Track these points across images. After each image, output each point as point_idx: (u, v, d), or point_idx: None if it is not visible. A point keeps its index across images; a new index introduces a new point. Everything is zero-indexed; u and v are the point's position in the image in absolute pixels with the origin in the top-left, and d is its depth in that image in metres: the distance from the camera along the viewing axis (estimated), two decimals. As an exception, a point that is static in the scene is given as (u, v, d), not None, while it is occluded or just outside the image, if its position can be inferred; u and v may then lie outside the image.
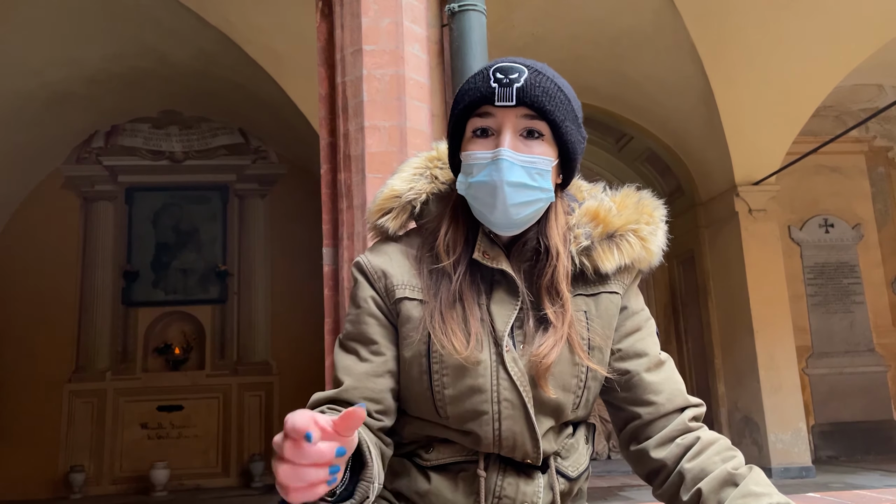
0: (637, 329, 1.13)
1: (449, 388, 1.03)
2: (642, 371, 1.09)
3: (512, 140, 1.01)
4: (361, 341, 1.08)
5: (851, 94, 8.00)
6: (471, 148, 1.04)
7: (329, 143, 2.53)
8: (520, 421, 1.02)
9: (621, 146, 8.62)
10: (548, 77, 1.03)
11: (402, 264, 1.10)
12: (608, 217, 1.09)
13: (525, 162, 1.01)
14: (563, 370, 1.04)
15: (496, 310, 1.05)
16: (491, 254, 1.07)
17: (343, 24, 2.49)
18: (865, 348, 8.45)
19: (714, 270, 7.86)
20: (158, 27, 6.56)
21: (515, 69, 1.02)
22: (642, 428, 1.09)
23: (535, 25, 6.50)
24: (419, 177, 1.17)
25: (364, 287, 1.11)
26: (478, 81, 1.04)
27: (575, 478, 1.10)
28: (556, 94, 1.02)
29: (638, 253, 1.09)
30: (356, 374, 1.05)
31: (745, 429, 7.32)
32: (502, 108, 1.01)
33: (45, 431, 8.24)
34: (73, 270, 8.72)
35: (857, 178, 8.83)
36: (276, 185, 9.23)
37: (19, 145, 7.94)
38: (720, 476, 0.98)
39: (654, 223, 1.11)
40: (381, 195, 1.16)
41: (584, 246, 1.08)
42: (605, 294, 1.10)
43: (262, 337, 8.88)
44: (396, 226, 1.14)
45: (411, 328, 1.06)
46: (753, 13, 6.27)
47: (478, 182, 1.02)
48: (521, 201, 1.02)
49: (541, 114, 1.02)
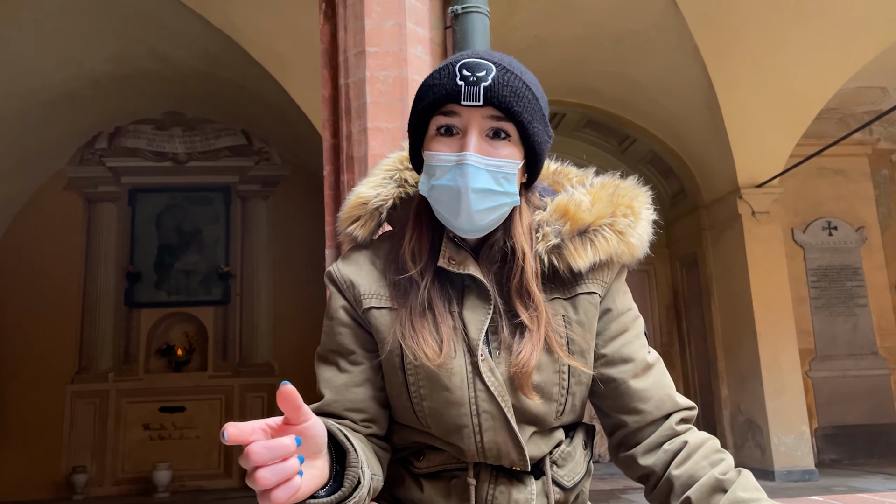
0: (623, 331, 1.07)
1: (427, 400, 1.00)
2: (629, 378, 1.05)
3: (478, 142, 0.97)
4: (338, 352, 1.07)
5: (855, 96, 7.99)
6: (434, 147, 0.99)
7: (332, 144, 2.53)
8: (501, 432, 0.99)
9: (624, 148, 8.62)
10: (516, 75, 0.98)
11: (371, 273, 1.07)
12: (577, 213, 1.03)
13: (491, 166, 0.97)
14: (546, 379, 1.00)
15: (469, 316, 1.01)
16: (457, 259, 1.03)
17: (346, 26, 2.49)
18: (869, 351, 8.43)
19: (717, 273, 7.85)
20: (162, 29, 6.57)
21: (483, 66, 0.97)
22: (630, 435, 1.06)
23: (538, 27, 6.50)
24: (388, 181, 1.13)
25: (336, 297, 1.08)
26: (443, 77, 0.98)
27: (570, 487, 1.06)
28: (524, 94, 0.98)
29: (615, 247, 1.02)
30: (336, 387, 1.04)
31: (748, 432, 7.30)
32: (468, 108, 0.97)
33: (47, 432, 8.25)
34: (76, 271, 8.73)
35: (860, 180, 8.80)
36: (278, 186, 9.24)
37: (23, 146, 7.95)
38: (708, 483, 0.96)
39: (632, 214, 1.05)
40: (348, 203, 1.13)
41: (554, 244, 1.02)
42: (582, 296, 1.04)
43: (264, 338, 8.88)
44: (365, 233, 1.11)
45: (382, 339, 1.03)
46: (757, 16, 6.26)
47: (441, 185, 0.98)
48: (486, 207, 0.98)
49: (508, 115, 0.97)
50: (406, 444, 1.08)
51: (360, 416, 1.03)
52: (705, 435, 1.04)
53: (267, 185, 9.25)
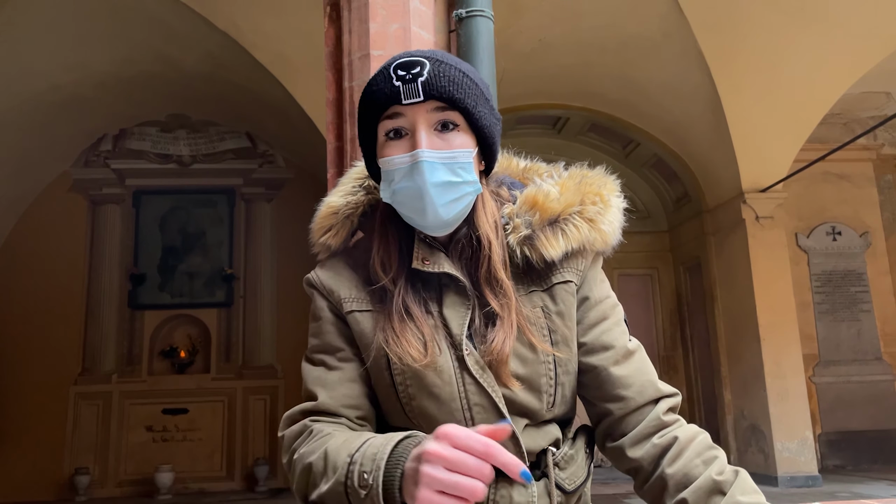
0: (602, 319, 1.07)
1: (416, 399, 1.00)
2: (609, 365, 1.05)
3: (428, 137, 0.97)
4: (327, 351, 1.06)
5: (859, 101, 7.98)
6: (387, 153, 1.00)
7: (336, 147, 2.53)
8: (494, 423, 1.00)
9: (628, 152, 8.62)
10: (450, 65, 0.99)
11: (350, 277, 1.08)
12: (546, 202, 1.04)
13: (445, 158, 0.97)
14: (532, 371, 1.00)
15: (450, 314, 1.02)
16: (431, 259, 1.03)
17: (351, 29, 2.50)
18: (873, 357, 8.41)
19: (721, 277, 7.84)
20: (167, 32, 6.59)
21: (416, 63, 0.97)
22: (615, 424, 1.05)
23: (542, 31, 6.51)
24: (358, 188, 1.13)
25: (318, 299, 1.09)
26: (380, 82, 0.99)
27: (571, 491, 1.06)
28: (462, 81, 0.98)
29: (586, 235, 1.03)
30: (329, 383, 1.03)
31: (752, 437, 7.29)
32: (411, 106, 0.97)
33: (50, 433, 8.26)
34: (80, 273, 8.76)
35: (864, 185, 8.79)
36: (282, 189, 9.26)
37: (28, 148, 7.98)
38: (705, 485, 0.95)
39: (601, 202, 1.06)
40: (319, 213, 1.14)
41: (525, 235, 1.03)
42: (558, 286, 1.05)
43: (267, 341, 8.89)
44: (338, 242, 1.12)
45: (366, 342, 1.03)
46: (761, 20, 6.26)
47: (401, 188, 0.98)
48: (450, 199, 0.98)
49: (451, 104, 0.97)
50: None
51: (355, 412, 1.03)
52: (695, 428, 1.03)
53: (271, 187, 9.26)
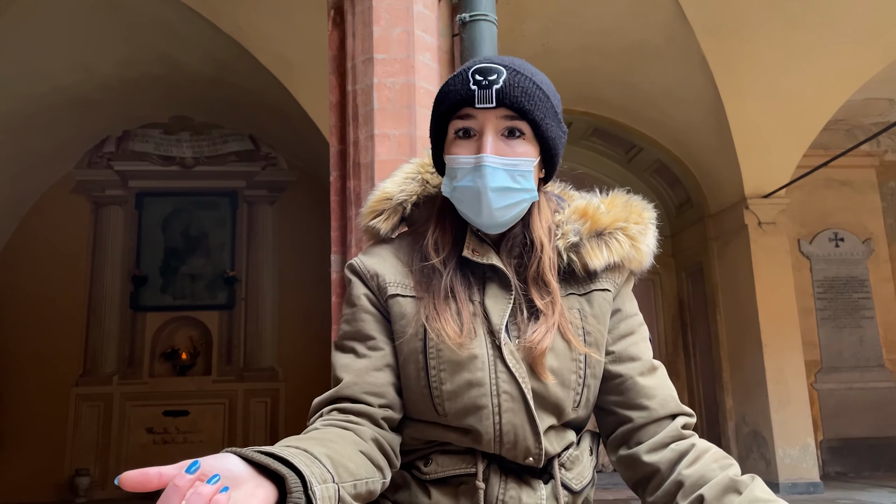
0: (630, 332, 1.12)
1: (447, 384, 1.02)
2: (636, 375, 1.09)
3: (494, 142, 1.02)
4: (358, 338, 1.09)
5: (862, 108, 7.98)
6: (454, 150, 1.05)
7: (339, 150, 2.54)
8: (520, 413, 1.01)
9: (631, 157, 8.61)
10: (526, 76, 1.03)
11: (395, 265, 1.12)
12: (596, 214, 1.11)
13: (507, 165, 1.02)
14: (563, 366, 1.04)
15: (491, 304, 1.06)
16: (480, 250, 1.08)
17: (355, 33, 2.50)
18: (875, 364, 8.39)
19: (723, 283, 7.83)
20: (171, 34, 6.61)
21: (494, 70, 1.02)
22: (634, 432, 1.08)
23: (545, 36, 6.51)
24: (411, 180, 1.18)
25: (357, 286, 1.12)
26: (457, 83, 1.04)
27: (578, 490, 1.08)
28: (534, 93, 1.03)
29: (627, 252, 1.10)
30: (355, 370, 1.05)
31: (753, 443, 7.27)
32: (483, 110, 1.02)
33: (51, 435, 8.26)
34: (82, 274, 8.76)
35: (867, 192, 8.78)
36: (285, 191, 9.26)
37: (31, 149, 8.00)
38: (722, 483, 0.97)
39: (643, 223, 1.12)
40: (372, 197, 1.18)
41: (573, 242, 1.09)
42: (596, 292, 1.10)
43: (268, 343, 8.89)
44: (388, 227, 1.16)
45: (405, 324, 1.06)
46: (764, 26, 6.26)
47: (462, 187, 1.04)
48: (506, 204, 1.04)
49: (521, 114, 1.02)
50: (415, 443, 1.08)
51: (378, 400, 1.04)
52: (710, 443, 1.06)
53: (273, 190, 9.27)
